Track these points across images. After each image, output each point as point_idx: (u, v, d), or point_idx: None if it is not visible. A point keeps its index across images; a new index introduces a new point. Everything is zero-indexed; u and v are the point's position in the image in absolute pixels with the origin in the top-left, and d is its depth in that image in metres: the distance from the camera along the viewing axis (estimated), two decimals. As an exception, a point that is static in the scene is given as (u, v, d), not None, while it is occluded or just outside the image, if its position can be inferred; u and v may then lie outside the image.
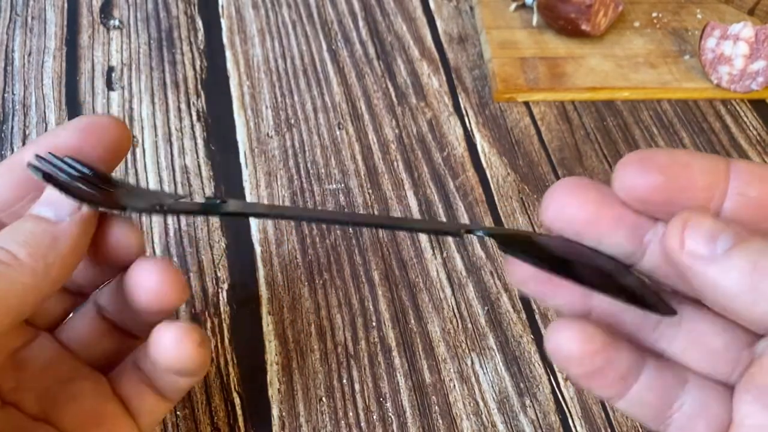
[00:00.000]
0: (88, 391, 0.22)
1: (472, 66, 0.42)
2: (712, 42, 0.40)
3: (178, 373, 0.21)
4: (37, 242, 0.18)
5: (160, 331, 0.21)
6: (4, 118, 0.37)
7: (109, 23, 0.42)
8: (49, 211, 0.19)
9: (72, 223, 0.19)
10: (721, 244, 0.16)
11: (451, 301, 0.32)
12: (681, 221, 0.16)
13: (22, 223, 0.19)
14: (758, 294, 0.15)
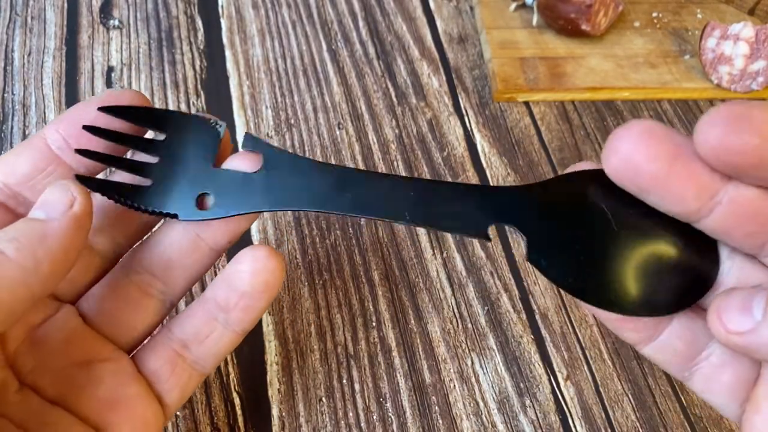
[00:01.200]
0: (108, 373, 0.21)
1: (472, 66, 0.42)
2: (712, 42, 0.40)
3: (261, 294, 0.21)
4: (25, 238, 0.18)
5: (248, 250, 0.21)
6: (4, 118, 0.37)
7: (109, 23, 0.42)
8: (41, 213, 0.19)
9: (63, 220, 0.19)
10: (756, 311, 0.16)
11: (451, 301, 0.32)
12: (714, 308, 0.17)
13: (14, 224, 0.19)
14: None
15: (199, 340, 0.22)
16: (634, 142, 0.16)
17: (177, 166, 0.21)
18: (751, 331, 0.16)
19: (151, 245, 0.23)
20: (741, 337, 0.16)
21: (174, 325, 0.22)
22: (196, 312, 0.22)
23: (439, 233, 0.34)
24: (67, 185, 0.20)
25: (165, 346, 0.22)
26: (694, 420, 0.30)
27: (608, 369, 0.31)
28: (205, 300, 0.22)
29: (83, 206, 0.19)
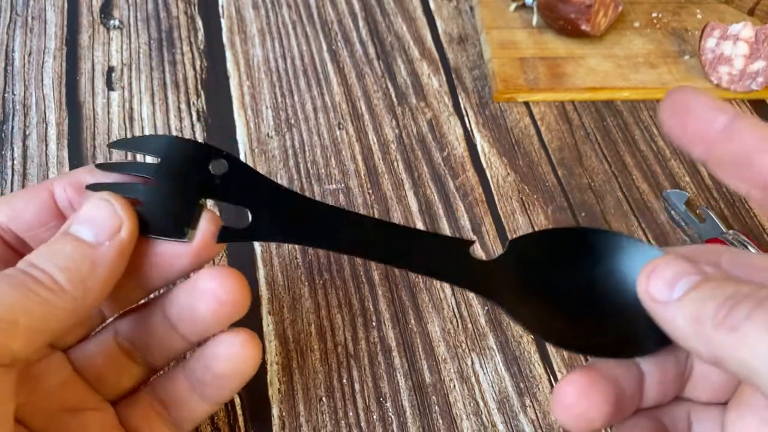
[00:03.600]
0: (95, 423, 0.22)
1: (472, 66, 0.42)
2: (712, 42, 0.40)
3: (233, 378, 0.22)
4: (77, 267, 0.18)
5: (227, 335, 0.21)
6: (5, 118, 0.37)
7: (109, 23, 0.42)
8: (87, 232, 0.19)
9: (111, 248, 0.19)
10: (678, 289, 0.17)
11: (451, 301, 0.32)
12: (650, 266, 0.18)
13: (61, 245, 0.19)
14: (700, 340, 0.16)
15: (176, 405, 0.23)
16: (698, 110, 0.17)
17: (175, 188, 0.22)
18: (664, 304, 0.17)
19: (135, 319, 0.23)
20: (654, 303, 0.17)
21: (157, 385, 0.23)
22: (176, 377, 0.23)
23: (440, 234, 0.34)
24: (114, 204, 0.19)
25: (146, 404, 0.23)
26: (693, 420, 0.30)
27: (608, 369, 0.31)
28: (185, 368, 0.23)
29: (131, 231, 0.19)
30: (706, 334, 0.15)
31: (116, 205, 0.20)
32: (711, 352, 0.15)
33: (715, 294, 0.16)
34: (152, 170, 0.21)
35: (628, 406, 0.19)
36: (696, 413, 0.20)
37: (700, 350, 0.16)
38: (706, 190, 0.37)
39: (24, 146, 0.36)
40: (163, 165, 0.21)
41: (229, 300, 0.21)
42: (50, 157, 0.36)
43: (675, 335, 0.17)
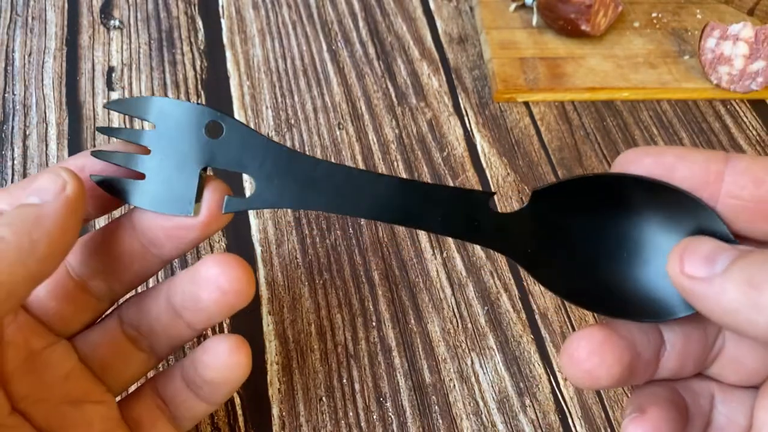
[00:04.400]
0: (98, 417, 0.22)
1: (472, 66, 0.42)
2: (711, 42, 0.40)
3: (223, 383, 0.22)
4: (21, 221, 0.18)
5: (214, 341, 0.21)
6: (5, 118, 0.37)
7: (110, 23, 0.42)
8: (35, 198, 0.19)
9: (56, 203, 0.19)
10: (719, 264, 0.16)
11: (451, 301, 0.32)
12: (681, 247, 0.17)
13: (9, 211, 0.19)
14: (757, 309, 0.15)
15: (175, 403, 0.23)
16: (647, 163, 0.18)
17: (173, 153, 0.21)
18: (706, 280, 0.16)
19: (140, 306, 0.23)
20: (692, 282, 0.16)
21: (158, 381, 0.23)
22: (174, 375, 0.23)
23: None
24: (58, 171, 0.20)
25: (148, 399, 0.23)
26: (693, 420, 0.30)
27: (608, 369, 0.31)
28: (182, 366, 0.23)
29: (75, 189, 0.19)
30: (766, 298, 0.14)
31: (61, 172, 0.20)
32: None
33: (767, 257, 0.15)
34: (149, 139, 0.21)
35: (641, 371, 0.18)
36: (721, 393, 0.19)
37: (758, 320, 0.15)
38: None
39: (24, 146, 0.36)
40: (159, 132, 0.21)
41: (232, 289, 0.21)
42: (50, 157, 0.36)
43: (722, 312, 0.16)
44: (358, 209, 0.21)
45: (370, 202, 0.21)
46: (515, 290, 0.33)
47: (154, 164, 0.21)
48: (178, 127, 0.21)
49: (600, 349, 0.18)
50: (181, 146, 0.21)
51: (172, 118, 0.21)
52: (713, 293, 0.16)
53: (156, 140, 0.21)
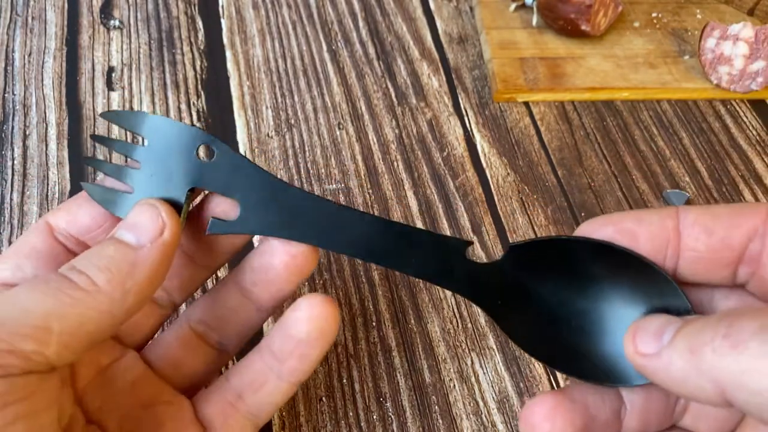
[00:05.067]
0: (169, 417, 0.22)
1: (472, 66, 0.42)
2: (711, 42, 0.40)
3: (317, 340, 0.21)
4: (117, 268, 0.18)
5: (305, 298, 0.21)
6: (5, 118, 0.37)
7: (110, 23, 0.42)
8: (130, 235, 0.19)
9: (153, 249, 0.19)
10: (666, 336, 0.16)
11: (451, 300, 0.32)
12: (633, 327, 0.18)
13: (103, 247, 0.19)
14: (701, 374, 0.15)
15: (253, 389, 0.22)
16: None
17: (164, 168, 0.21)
18: (656, 354, 0.16)
19: (207, 300, 0.23)
20: (644, 358, 0.17)
21: (231, 375, 0.23)
22: (252, 361, 0.23)
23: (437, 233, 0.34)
24: (157, 207, 0.20)
25: (220, 395, 0.23)
26: (693, 420, 0.30)
27: (608, 369, 0.31)
28: (261, 349, 0.22)
29: (173, 233, 0.20)
30: (707, 363, 0.15)
31: (161, 209, 0.20)
32: (715, 383, 0.14)
33: (707, 322, 0.15)
34: (142, 154, 0.21)
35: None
36: None
37: (705, 387, 0.15)
38: (706, 190, 0.37)
39: (24, 146, 0.36)
40: (151, 149, 0.21)
41: (300, 252, 0.21)
42: (50, 157, 0.36)
43: (673, 382, 0.16)
44: (338, 245, 0.21)
45: (350, 239, 0.21)
46: (515, 290, 0.33)
47: (142, 179, 0.21)
48: (170, 146, 0.21)
49: (551, 414, 0.18)
50: (170, 165, 0.21)
51: (165, 136, 0.21)
52: (663, 366, 0.16)
53: (147, 156, 0.21)
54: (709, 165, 0.38)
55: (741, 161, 0.38)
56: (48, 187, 0.35)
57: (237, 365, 0.23)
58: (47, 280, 0.18)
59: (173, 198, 0.21)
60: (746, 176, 0.38)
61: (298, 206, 0.21)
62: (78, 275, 0.18)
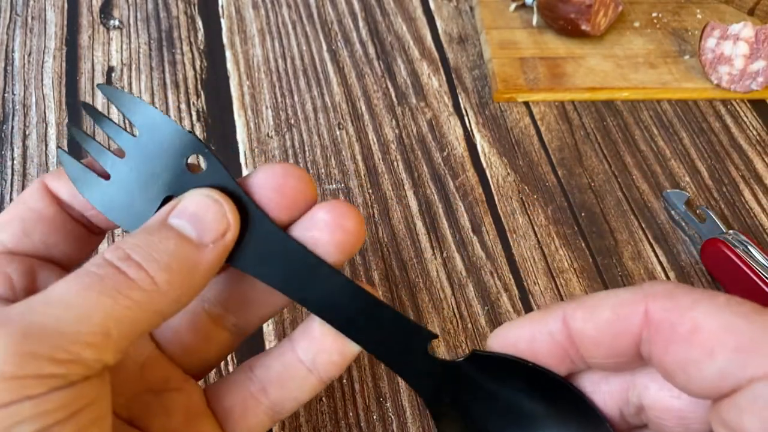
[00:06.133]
0: (180, 405, 0.21)
1: (472, 66, 0.42)
2: (712, 42, 0.40)
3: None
4: (178, 268, 0.17)
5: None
6: (5, 118, 0.37)
7: (109, 23, 0.42)
8: (192, 230, 0.18)
9: (214, 251, 0.18)
10: None
11: (451, 301, 0.32)
12: None
13: (163, 240, 0.17)
14: None
15: (280, 383, 0.21)
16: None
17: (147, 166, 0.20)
18: None
19: (227, 281, 0.22)
20: None
21: (256, 365, 0.21)
22: (282, 353, 0.21)
23: (440, 233, 0.34)
24: (222, 205, 0.18)
25: (242, 386, 0.21)
26: (693, 420, 0.30)
27: (608, 369, 0.31)
28: (293, 339, 0.21)
29: (234, 235, 0.18)
30: None
31: (226, 208, 0.18)
32: None
33: None
34: (130, 144, 0.20)
35: None
36: None
37: None
38: (706, 189, 0.37)
39: (24, 146, 0.36)
40: (141, 141, 0.20)
41: (352, 228, 0.19)
42: (50, 156, 0.36)
43: None
44: (305, 299, 0.20)
45: (319, 295, 0.20)
46: (515, 290, 0.33)
47: (123, 170, 0.20)
48: (161, 145, 0.20)
49: None
50: (156, 165, 0.20)
51: (159, 133, 0.20)
52: None
53: (134, 148, 0.20)
54: (709, 165, 0.38)
55: (741, 161, 0.38)
56: (48, 187, 0.35)
57: (264, 355, 0.21)
58: (101, 276, 0.16)
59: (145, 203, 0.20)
60: (746, 176, 0.38)
61: (274, 247, 0.19)
62: (137, 270, 0.16)
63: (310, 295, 0.20)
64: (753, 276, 0.31)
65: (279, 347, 0.21)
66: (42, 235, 0.19)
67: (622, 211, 0.36)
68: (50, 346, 0.15)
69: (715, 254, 0.33)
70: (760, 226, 0.36)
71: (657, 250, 0.35)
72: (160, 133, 0.20)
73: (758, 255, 0.32)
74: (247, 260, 0.19)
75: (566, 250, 0.34)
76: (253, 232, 0.19)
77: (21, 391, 0.14)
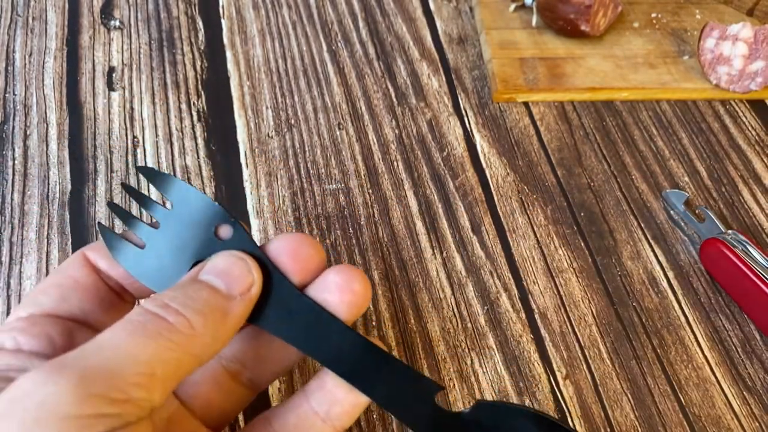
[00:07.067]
0: None
1: (472, 66, 0.42)
2: (711, 42, 0.40)
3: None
4: (212, 314, 0.18)
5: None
6: (5, 119, 0.37)
7: (110, 24, 0.42)
8: (221, 283, 0.19)
9: (242, 301, 0.19)
10: None
11: (450, 300, 0.32)
12: None
13: (196, 290, 0.19)
14: None
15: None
16: None
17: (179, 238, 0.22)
18: None
19: (244, 339, 0.23)
20: None
21: (273, 417, 0.22)
22: (297, 404, 0.22)
23: (439, 233, 0.35)
24: (248, 262, 0.20)
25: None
26: (693, 419, 0.30)
27: (607, 368, 0.31)
28: (307, 392, 0.22)
29: (258, 289, 0.20)
30: None
31: (251, 264, 0.20)
32: None
33: None
34: (163, 216, 0.22)
35: None
36: None
37: None
38: (705, 189, 0.37)
39: (25, 146, 0.36)
40: (174, 214, 0.22)
41: (360, 290, 0.21)
42: (51, 157, 0.36)
43: None
44: (319, 353, 0.21)
45: (331, 350, 0.21)
46: (515, 290, 0.33)
47: (157, 239, 0.22)
48: (192, 216, 0.22)
49: None
50: (187, 234, 0.21)
51: (190, 206, 0.22)
52: None
53: (168, 219, 0.22)
54: (708, 165, 0.38)
55: (740, 161, 0.39)
56: (49, 187, 0.35)
57: (280, 407, 0.23)
58: (143, 322, 0.18)
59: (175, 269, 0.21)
60: (745, 176, 0.38)
61: (292, 306, 0.21)
62: (175, 316, 0.18)
63: (323, 350, 0.21)
64: (752, 276, 0.31)
65: (294, 399, 0.22)
66: (79, 301, 0.21)
67: (622, 211, 0.36)
68: (105, 386, 0.16)
69: (714, 254, 0.33)
70: (759, 226, 0.36)
71: (656, 250, 0.35)
72: (190, 206, 0.22)
73: (757, 255, 0.32)
74: (267, 318, 0.21)
75: (565, 250, 0.34)
76: (272, 292, 0.21)
77: (82, 430, 0.15)
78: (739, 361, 0.31)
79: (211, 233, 0.21)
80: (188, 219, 0.22)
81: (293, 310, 0.21)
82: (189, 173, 0.36)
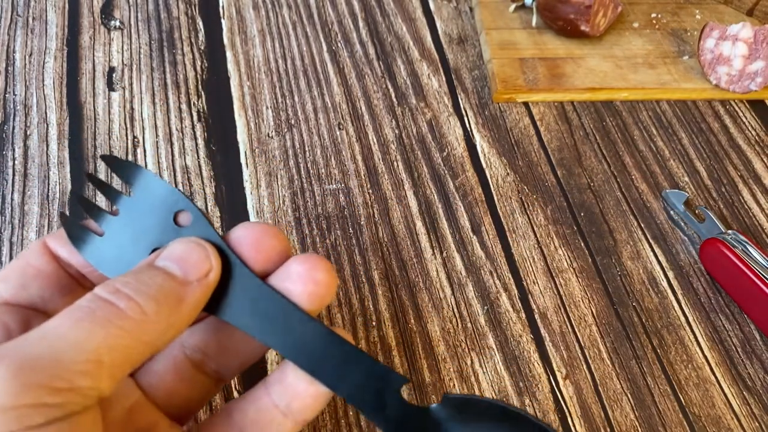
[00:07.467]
0: None
1: (472, 67, 0.42)
2: (710, 42, 0.40)
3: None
4: (166, 300, 0.18)
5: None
6: (6, 119, 0.37)
7: (110, 24, 0.42)
8: (177, 269, 0.19)
9: (198, 287, 0.19)
10: None
11: (450, 300, 0.32)
12: None
13: (151, 275, 0.19)
14: None
15: (257, 427, 0.21)
16: None
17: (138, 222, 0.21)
18: None
19: (208, 329, 0.23)
20: None
21: (234, 409, 0.22)
22: (258, 397, 0.22)
23: (439, 233, 0.35)
24: (209, 250, 0.20)
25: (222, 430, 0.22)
26: (692, 419, 0.30)
27: (607, 368, 0.31)
28: (268, 384, 0.22)
29: (216, 276, 0.20)
30: None
31: (209, 250, 0.20)
32: None
33: None
34: (125, 203, 0.21)
35: None
36: None
37: None
38: (705, 190, 0.37)
39: (25, 146, 0.36)
40: (135, 201, 0.21)
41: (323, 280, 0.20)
42: (51, 157, 0.36)
43: None
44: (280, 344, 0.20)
45: (292, 341, 0.20)
46: (515, 290, 0.33)
47: (116, 227, 0.21)
48: (152, 203, 0.21)
49: None
50: (147, 221, 0.21)
51: (151, 193, 0.21)
52: None
53: (128, 206, 0.21)
54: (708, 165, 0.38)
55: (740, 161, 0.39)
56: (49, 187, 0.35)
57: (241, 399, 0.22)
58: (93, 309, 0.17)
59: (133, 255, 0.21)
60: (745, 176, 0.38)
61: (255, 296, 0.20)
62: (127, 301, 0.17)
63: (284, 341, 0.20)
64: (752, 276, 0.31)
65: (254, 392, 0.22)
66: (39, 289, 0.20)
67: (621, 211, 0.36)
68: (47, 375, 0.15)
69: (713, 254, 0.33)
70: (759, 226, 0.36)
71: (656, 250, 0.35)
72: (151, 193, 0.21)
73: (757, 255, 0.32)
74: (226, 309, 0.20)
75: (565, 250, 0.34)
76: (233, 282, 0.20)
77: (21, 421, 0.15)
78: (739, 361, 0.31)
79: (170, 220, 0.21)
80: (149, 206, 0.21)
81: (254, 300, 0.20)
82: (189, 173, 0.36)
